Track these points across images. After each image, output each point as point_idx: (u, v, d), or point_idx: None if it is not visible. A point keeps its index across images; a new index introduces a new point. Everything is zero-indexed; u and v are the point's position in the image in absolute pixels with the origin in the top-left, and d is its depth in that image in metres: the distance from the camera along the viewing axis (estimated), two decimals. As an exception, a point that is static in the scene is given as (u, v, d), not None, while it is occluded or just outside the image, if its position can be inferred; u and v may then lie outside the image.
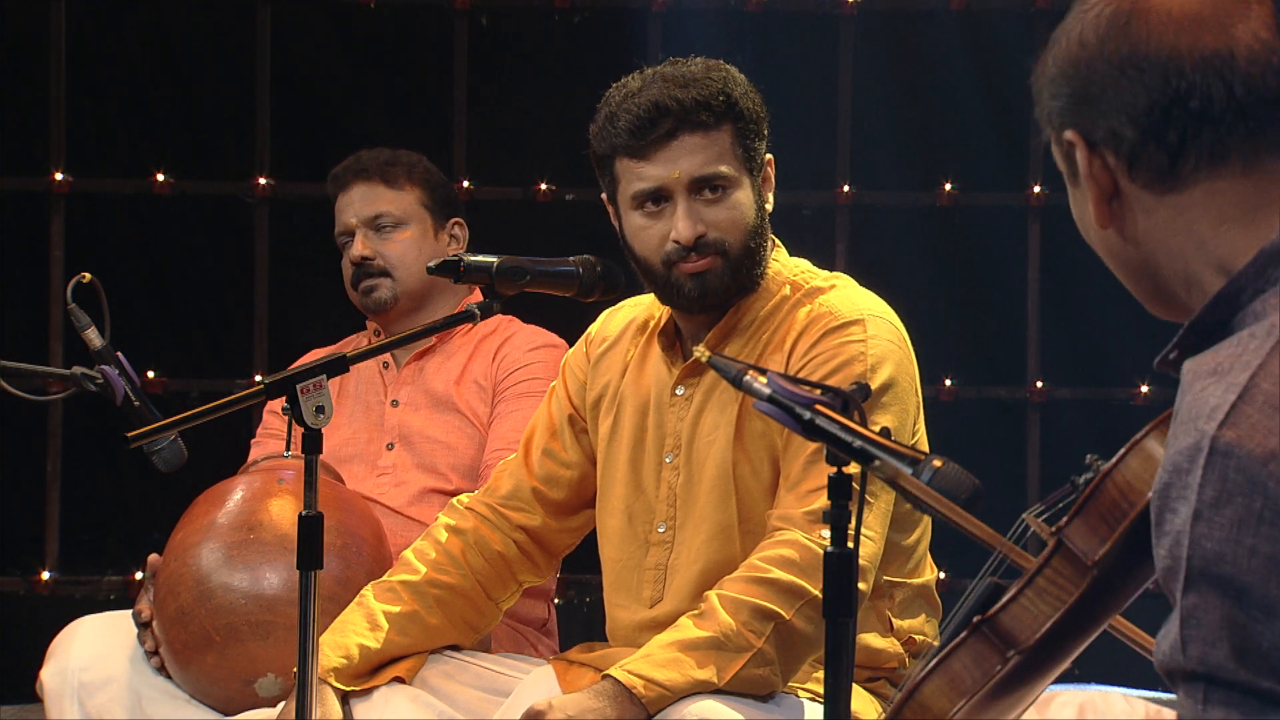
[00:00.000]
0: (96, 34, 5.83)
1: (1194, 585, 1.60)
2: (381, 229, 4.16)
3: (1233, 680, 1.58)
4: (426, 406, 4.07)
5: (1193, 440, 1.61)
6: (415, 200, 4.20)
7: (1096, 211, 1.85)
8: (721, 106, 3.16)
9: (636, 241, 3.21)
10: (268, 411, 4.21)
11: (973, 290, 5.98)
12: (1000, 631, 2.05)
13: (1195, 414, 1.62)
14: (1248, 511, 1.58)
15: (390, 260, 4.14)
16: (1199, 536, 1.59)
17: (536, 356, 4.05)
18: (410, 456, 4.04)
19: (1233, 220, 1.77)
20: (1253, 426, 1.59)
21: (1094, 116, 1.82)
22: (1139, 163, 1.81)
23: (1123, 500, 1.99)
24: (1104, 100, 1.81)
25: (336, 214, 4.24)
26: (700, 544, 3.21)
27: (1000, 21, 5.86)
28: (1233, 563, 1.58)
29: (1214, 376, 1.64)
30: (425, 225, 4.19)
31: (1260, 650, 1.57)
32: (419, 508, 3.97)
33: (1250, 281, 1.73)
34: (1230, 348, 1.67)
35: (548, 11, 5.86)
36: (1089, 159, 1.83)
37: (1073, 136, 1.84)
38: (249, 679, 3.46)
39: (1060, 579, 2.02)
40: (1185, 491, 1.61)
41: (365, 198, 4.18)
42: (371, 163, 4.22)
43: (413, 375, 4.12)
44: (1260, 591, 1.57)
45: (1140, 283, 1.87)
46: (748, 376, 2.43)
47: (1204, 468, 1.60)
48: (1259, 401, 1.61)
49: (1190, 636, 1.59)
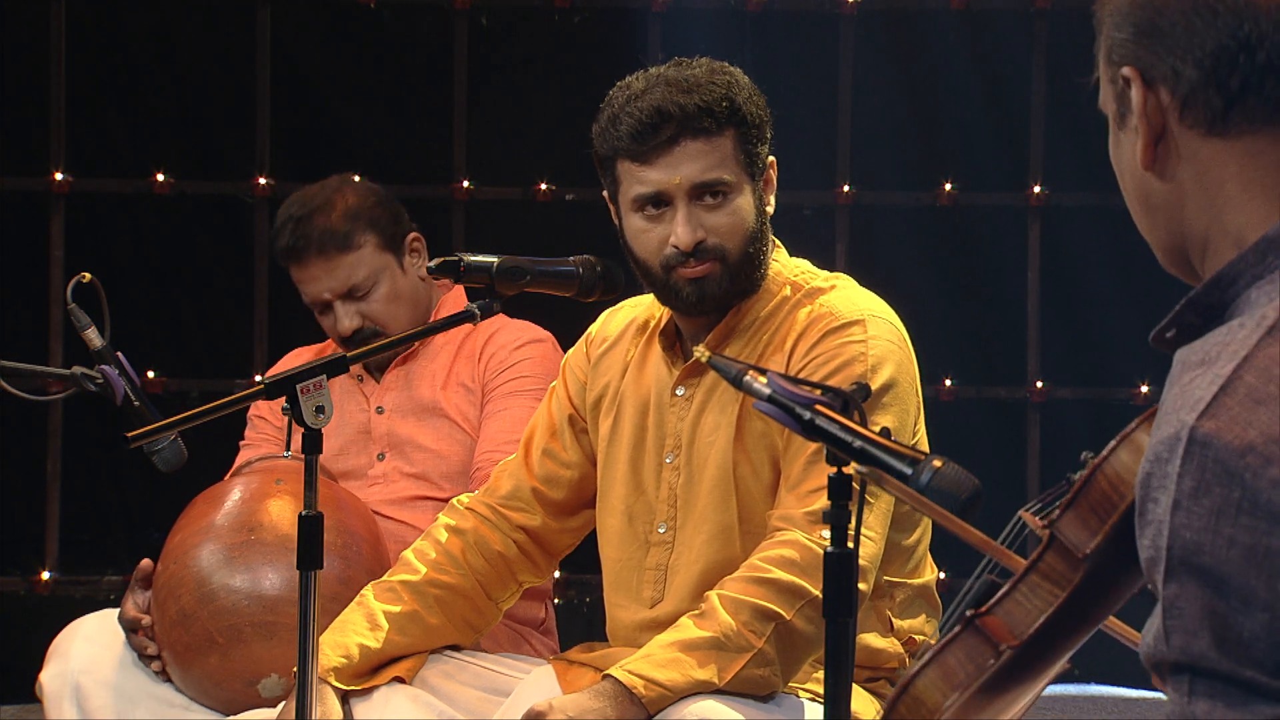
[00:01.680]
0: (96, 34, 5.83)
1: (1174, 575, 1.60)
2: (357, 296, 4.02)
3: (1215, 670, 1.58)
4: (414, 413, 4.03)
5: (1173, 430, 1.62)
6: (374, 249, 4.03)
7: (1144, 153, 1.82)
8: (725, 112, 3.15)
9: (636, 244, 3.21)
10: (253, 415, 4.16)
11: (973, 290, 5.98)
12: (994, 626, 2.05)
13: (1179, 404, 1.63)
14: (1225, 502, 1.59)
15: (380, 319, 4.02)
16: (1178, 526, 1.60)
17: (524, 354, 4.00)
18: (402, 465, 4.00)
19: (1261, 186, 1.77)
20: (1232, 418, 1.60)
21: (1158, 53, 1.80)
22: (1193, 104, 1.79)
23: (1113, 492, 1.99)
24: (1170, 37, 1.79)
25: (297, 283, 4.08)
26: (701, 544, 3.21)
27: (1000, 21, 5.87)
28: (1211, 553, 1.59)
29: (1201, 367, 1.65)
30: (392, 267, 4.05)
31: (1241, 640, 1.58)
32: (411, 512, 3.95)
33: (1249, 267, 1.73)
34: (1219, 337, 1.67)
35: (548, 11, 5.86)
36: (1144, 96, 1.81)
37: (1130, 73, 1.82)
38: (252, 680, 3.46)
39: (1054, 573, 2.03)
40: (1165, 481, 1.62)
41: (328, 272, 4.02)
42: (319, 233, 4.00)
43: (397, 381, 4.06)
44: (1239, 581, 1.58)
45: (1163, 232, 1.85)
46: (748, 377, 2.43)
47: (1183, 458, 1.61)
48: (1241, 394, 1.61)
49: (1172, 627, 1.60)
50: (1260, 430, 1.59)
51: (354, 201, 4.06)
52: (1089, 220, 5.83)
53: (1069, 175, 5.85)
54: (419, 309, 4.10)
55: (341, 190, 4.08)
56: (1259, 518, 1.58)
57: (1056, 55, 5.81)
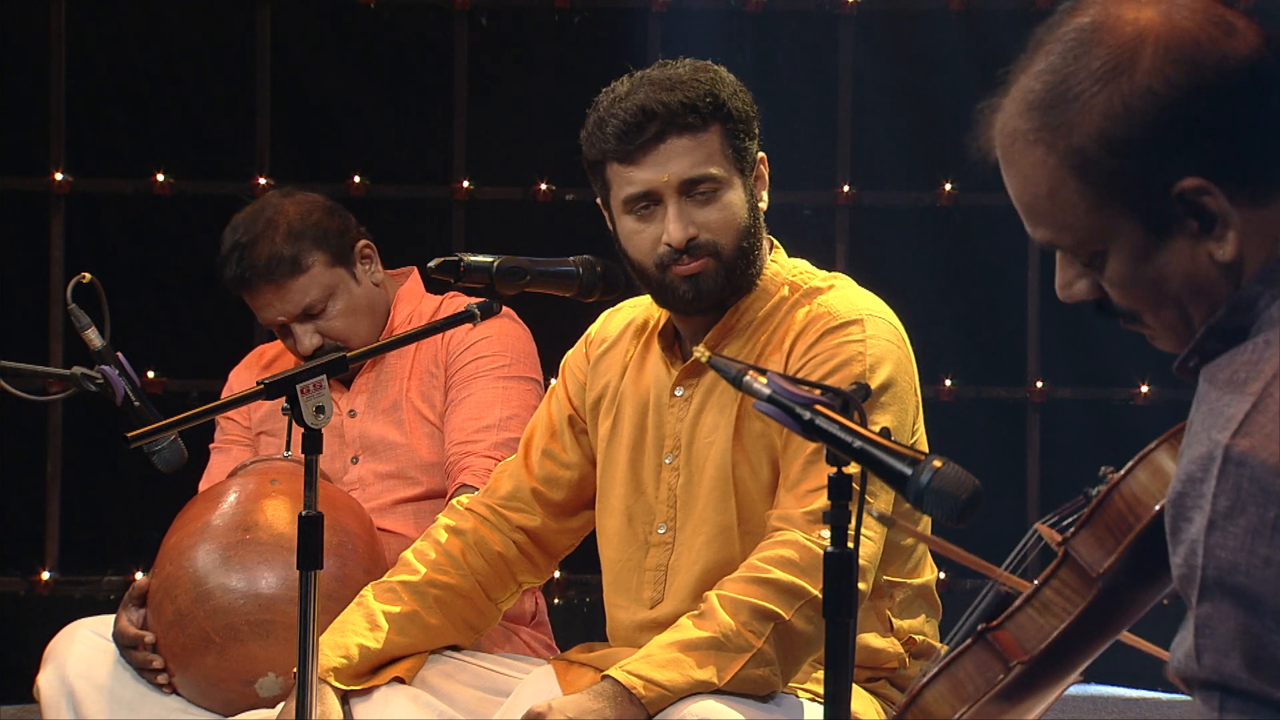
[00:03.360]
0: (96, 34, 5.83)
1: (1208, 594, 1.58)
2: (313, 314, 3.95)
3: (1247, 690, 1.57)
4: (384, 411, 3.97)
5: (1206, 449, 1.60)
6: (324, 267, 3.94)
7: (1217, 247, 1.76)
8: (709, 108, 3.15)
9: (630, 246, 3.21)
10: (223, 417, 4.10)
11: (973, 290, 5.97)
12: (1005, 641, 2.04)
13: (1210, 423, 1.62)
14: (1261, 521, 1.57)
15: (339, 335, 3.94)
16: (1213, 546, 1.58)
17: (481, 332, 3.92)
18: (375, 466, 3.95)
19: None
20: (1267, 436, 1.58)
21: (1216, 148, 1.74)
22: (1247, 182, 1.75)
23: (1129, 513, 1.98)
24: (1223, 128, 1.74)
25: (251, 306, 4.00)
26: (700, 545, 3.21)
27: (1000, 21, 5.86)
28: (1246, 573, 1.57)
29: (1229, 386, 1.63)
30: (345, 280, 3.96)
31: (1274, 661, 1.56)
32: (392, 519, 3.91)
33: (1266, 287, 1.72)
34: (1246, 355, 1.66)
35: (548, 11, 5.86)
36: (1218, 198, 1.75)
37: (1198, 183, 1.75)
38: (249, 679, 3.46)
39: (1066, 590, 2.02)
40: (1200, 501, 1.60)
41: (280, 297, 3.94)
42: (265, 261, 3.91)
43: (368, 384, 4.01)
44: (1274, 602, 1.56)
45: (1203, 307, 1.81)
46: (748, 377, 2.42)
47: (1218, 477, 1.59)
48: (1273, 411, 1.60)
49: (1205, 645, 1.58)
50: None
51: (296, 219, 3.95)
52: (1089, 220, 5.82)
53: (1069, 175, 5.84)
54: (378, 315, 4.02)
55: (281, 208, 3.97)
56: None
57: (1057, 55, 5.80)
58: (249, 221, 3.96)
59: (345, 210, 4.06)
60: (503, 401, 3.89)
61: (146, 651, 3.50)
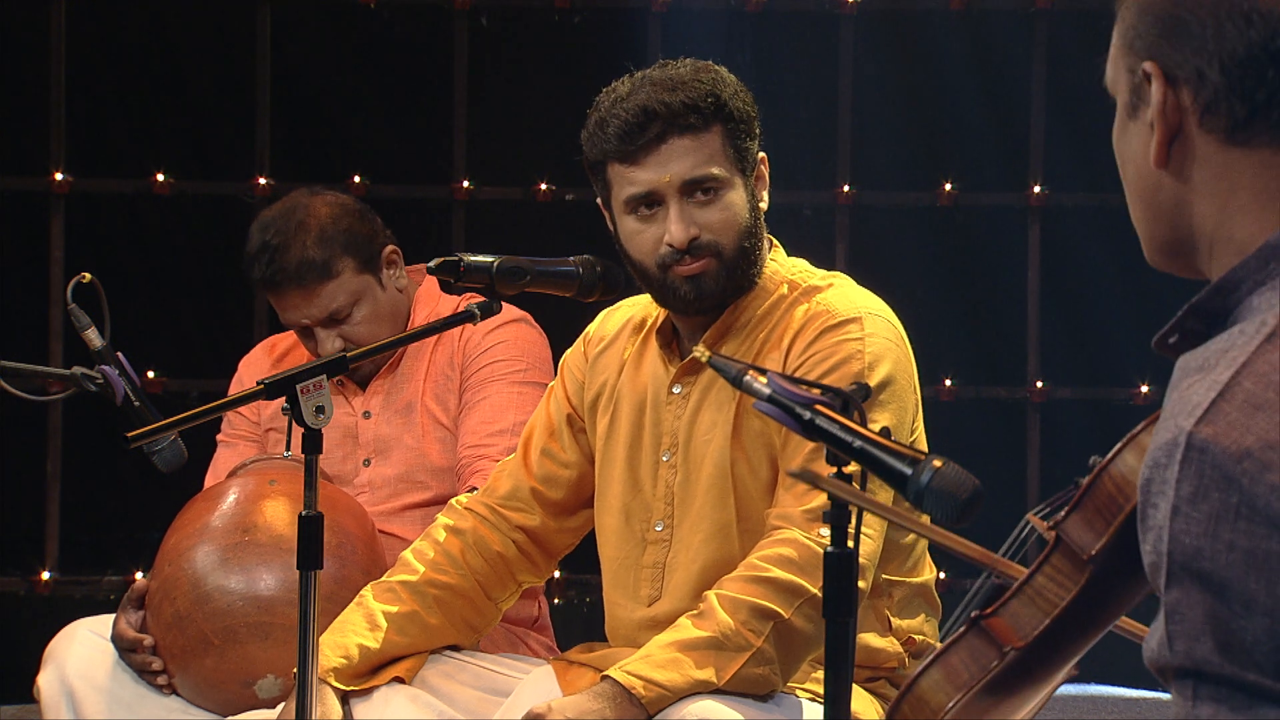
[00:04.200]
0: (96, 34, 5.83)
1: (1176, 580, 1.60)
2: (338, 320, 3.91)
3: (1219, 674, 1.58)
4: (399, 413, 3.95)
5: (1171, 436, 1.62)
6: (353, 272, 3.90)
7: (1158, 151, 1.79)
8: (710, 108, 3.16)
9: (631, 246, 3.21)
10: (231, 411, 4.06)
11: (973, 290, 5.98)
12: (999, 627, 2.05)
13: (1177, 410, 1.63)
14: (1224, 507, 1.59)
15: (362, 340, 3.87)
16: (1178, 532, 1.60)
17: (497, 336, 3.91)
18: (387, 469, 3.94)
19: (1272, 197, 1.75)
20: (1230, 424, 1.60)
21: (1184, 52, 1.77)
22: (1215, 110, 1.77)
23: (1118, 494, 1.99)
24: (1199, 38, 1.76)
25: (275, 306, 3.96)
26: (698, 542, 3.21)
27: (1000, 21, 5.87)
28: (1211, 558, 1.59)
29: (1200, 373, 1.65)
30: (372, 286, 3.93)
31: (1244, 644, 1.58)
32: (399, 524, 3.91)
33: (1251, 274, 1.73)
34: (1219, 343, 1.67)
35: (548, 11, 5.86)
36: (1165, 94, 1.78)
37: (1152, 68, 1.79)
38: (249, 681, 3.46)
39: (1059, 575, 2.03)
40: (1164, 487, 1.62)
41: (307, 301, 3.89)
42: (295, 264, 3.86)
43: (385, 386, 3.98)
44: (1240, 586, 1.58)
45: (1162, 230, 1.83)
46: (748, 377, 2.42)
47: (1180, 463, 1.61)
48: (1239, 400, 1.61)
49: (1175, 632, 1.60)
50: (1258, 436, 1.59)
51: (329, 222, 3.91)
52: (1089, 220, 5.83)
53: (1069, 175, 5.85)
54: (399, 320, 4.00)
55: (313, 209, 3.93)
56: (1257, 522, 1.58)
57: (1056, 55, 5.82)
58: (279, 222, 3.91)
59: (373, 213, 4.02)
60: (517, 406, 3.88)
61: (145, 654, 3.50)
